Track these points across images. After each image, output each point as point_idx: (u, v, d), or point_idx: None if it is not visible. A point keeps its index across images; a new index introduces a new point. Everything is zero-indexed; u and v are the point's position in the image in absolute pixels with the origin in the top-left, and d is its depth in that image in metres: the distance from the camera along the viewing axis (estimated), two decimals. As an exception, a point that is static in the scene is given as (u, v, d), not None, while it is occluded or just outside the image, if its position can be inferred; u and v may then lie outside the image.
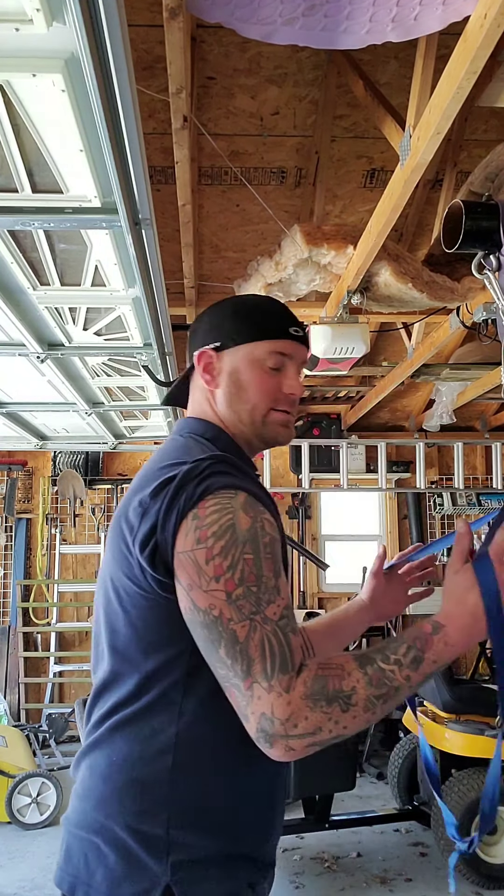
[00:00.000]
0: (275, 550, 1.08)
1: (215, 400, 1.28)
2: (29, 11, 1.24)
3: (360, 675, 1.03)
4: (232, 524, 1.06)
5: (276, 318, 1.28)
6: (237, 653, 1.01)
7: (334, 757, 3.51)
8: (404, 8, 1.86)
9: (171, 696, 1.11)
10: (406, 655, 1.05)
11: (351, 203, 3.59)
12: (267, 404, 1.25)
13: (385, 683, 1.03)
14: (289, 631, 1.04)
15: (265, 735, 0.99)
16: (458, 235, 2.14)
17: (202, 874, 1.10)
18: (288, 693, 0.99)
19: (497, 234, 2.10)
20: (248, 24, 1.94)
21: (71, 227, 1.92)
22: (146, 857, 1.08)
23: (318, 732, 1.00)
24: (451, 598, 1.13)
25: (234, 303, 1.32)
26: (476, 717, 3.81)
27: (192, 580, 1.05)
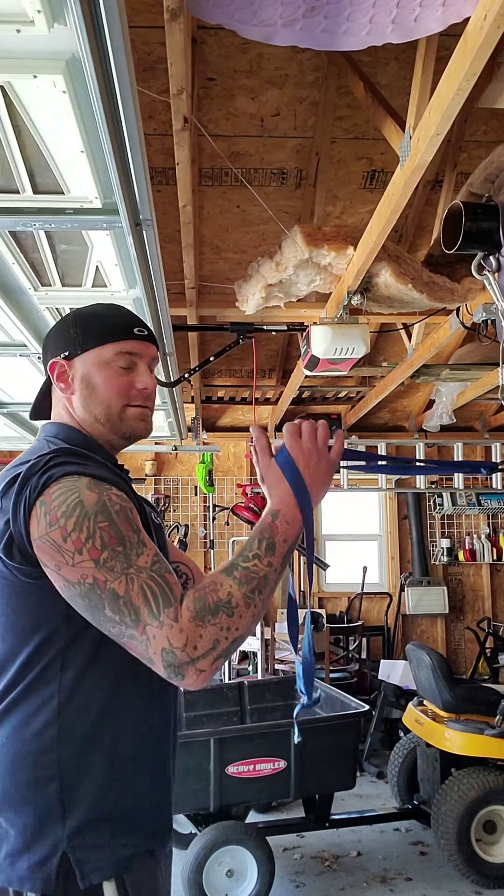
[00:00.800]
0: (129, 515, 1.15)
1: (72, 405, 1.35)
2: (30, 13, 1.25)
3: (230, 581, 1.13)
4: (79, 501, 1.12)
5: (118, 320, 1.37)
6: (121, 606, 1.08)
7: (334, 756, 3.52)
8: (404, 9, 1.87)
9: (50, 672, 1.17)
10: (260, 547, 1.17)
11: (351, 204, 3.59)
12: (121, 401, 1.33)
13: (253, 577, 1.14)
14: (164, 572, 1.12)
15: (173, 668, 1.06)
16: (457, 236, 2.15)
17: (96, 841, 1.15)
18: (177, 622, 1.07)
19: (497, 234, 2.11)
20: (249, 25, 1.94)
21: (72, 227, 1.92)
22: (43, 828, 1.13)
23: (217, 645, 1.08)
24: (273, 487, 1.25)
25: (77, 313, 1.40)
26: (476, 717, 3.81)
27: (57, 560, 1.11)
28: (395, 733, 5.40)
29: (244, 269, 3.46)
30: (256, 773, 3.33)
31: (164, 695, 1.28)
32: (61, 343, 1.36)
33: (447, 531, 6.90)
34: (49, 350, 1.38)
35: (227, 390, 5.90)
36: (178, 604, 1.09)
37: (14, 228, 1.93)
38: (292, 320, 3.93)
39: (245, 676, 5.53)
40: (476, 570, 6.88)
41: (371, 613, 6.60)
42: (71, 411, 1.35)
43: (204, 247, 3.83)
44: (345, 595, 6.62)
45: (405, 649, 4.41)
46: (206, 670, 1.08)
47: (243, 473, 6.77)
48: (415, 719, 4.05)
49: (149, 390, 1.35)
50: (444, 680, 3.89)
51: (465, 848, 3.54)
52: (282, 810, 4.48)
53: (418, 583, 6.57)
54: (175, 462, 6.77)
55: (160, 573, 1.11)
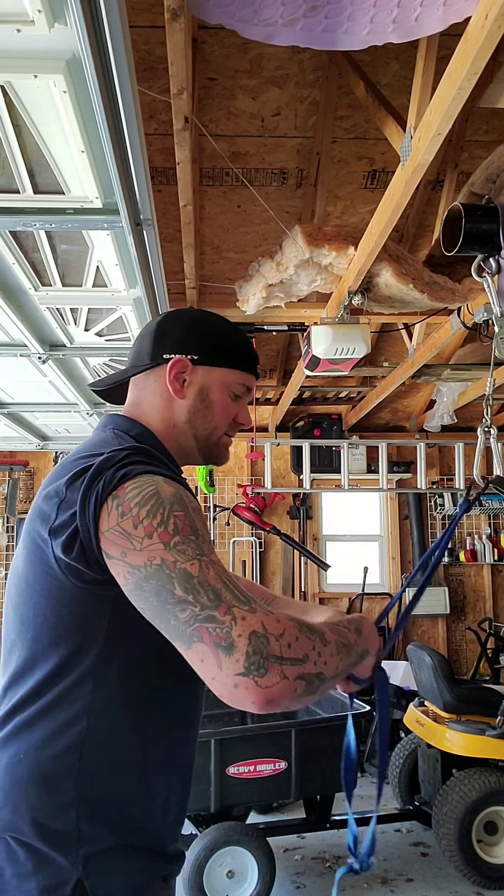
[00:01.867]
0: (201, 514, 1.09)
1: (174, 408, 1.28)
2: (30, 12, 1.25)
3: (321, 624, 1.08)
4: (155, 491, 1.05)
5: (251, 352, 1.36)
6: (197, 585, 0.97)
7: (335, 757, 3.51)
8: (405, 9, 1.86)
9: (79, 691, 1.09)
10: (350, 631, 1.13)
11: (352, 204, 3.59)
12: (224, 429, 1.32)
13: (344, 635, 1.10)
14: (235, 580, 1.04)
15: (259, 658, 0.93)
16: (457, 238, 2.14)
17: (113, 867, 1.10)
18: (273, 613, 0.98)
19: (497, 236, 2.10)
20: (249, 25, 1.94)
21: (72, 227, 1.92)
22: (55, 853, 1.07)
23: (305, 660, 0.97)
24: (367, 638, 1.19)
25: (219, 324, 1.35)
26: (477, 718, 3.81)
27: (123, 548, 1.02)
28: (396, 734, 5.40)
29: (245, 268, 3.46)
30: (257, 773, 3.32)
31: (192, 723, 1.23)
32: (192, 343, 1.29)
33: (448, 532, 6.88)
34: (170, 342, 1.29)
35: (227, 390, 5.89)
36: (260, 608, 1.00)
37: (14, 228, 1.93)
38: (293, 320, 3.93)
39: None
40: (477, 571, 6.88)
41: (372, 614, 6.59)
42: (169, 413, 1.28)
43: (204, 246, 3.83)
44: (346, 595, 6.61)
45: (406, 650, 4.40)
46: (290, 680, 0.94)
47: (244, 474, 6.77)
48: (416, 720, 4.04)
49: (246, 426, 1.37)
50: (445, 680, 3.88)
51: (466, 849, 3.54)
52: (282, 811, 4.48)
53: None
54: (176, 462, 6.76)
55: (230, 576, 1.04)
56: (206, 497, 6.64)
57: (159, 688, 1.11)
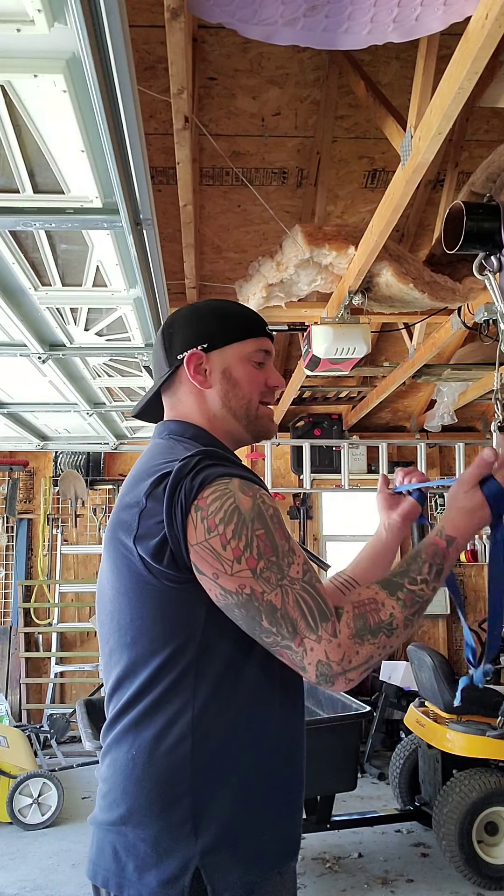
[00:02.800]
0: (280, 519, 1.14)
1: (207, 399, 1.31)
2: (30, 12, 1.24)
3: (393, 603, 1.13)
4: (235, 507, 1.11)
5: (256, 317, 1.37)
6: (279, 619, 1.07)
7: (335, 757, 3.51)
8: (405, 8, 1.86)
9: (183, 684, 1.13)
10: (430, 573, 1.18)
11: (352, 203, 3.59)
12: (258, 398, 1.32)
13: (418, 601, 1.15)
14: (315, 582, 1.11)
15: (325, 677, 1.07)
16: (459, 236, 2.14)
17: (230, 859, 1.11)
18: (336, 637, 1.08)
19: (498, 234, 2.10)
20: (250, 24, 1.94)
21: (72, 227, 1.92)
22: (175, 844, 1.10)
23: (370, 660, 1.10)
24: (461, 512, 1.25)
25: (213, 306, 1.38)
26: (478, 718, 3.80)
27: (215, 569, 1.09)
28: (396, 734, 5.40)
29: (245, 268, 3.46)
30: (257, 774, 3.32)
31: (297, 703, 1.25)
32: (198, 334, 1.31)
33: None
34: (179, 341, 1.32)
35: (227, 390, 5.89)
36: (335, 619, 1.09)
37: (14, 228, 1.92)
38: (293, 320, 3.92)
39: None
40: (477, 571, 6.87)
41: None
42: (205, 406, 1.31)
43: (204, 246, 3.83)
44: (346, 595, 6.61)
45: (406, 650, 4.40)
46: (355, 679, 1.09)
47: (244, 474, 6.76)
48: (416, 720, 4.04)
49: (280, 386, 1.36)
50: (446, 681, 3.88)
51: (467, 849, 3.53)
52: (283, 811, 4.47)
53: (419, 583, 6.55)
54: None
55: (311, 584, 1.11)
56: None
57: (260, 671, 1.15)
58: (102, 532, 6.46)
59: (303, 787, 1.26)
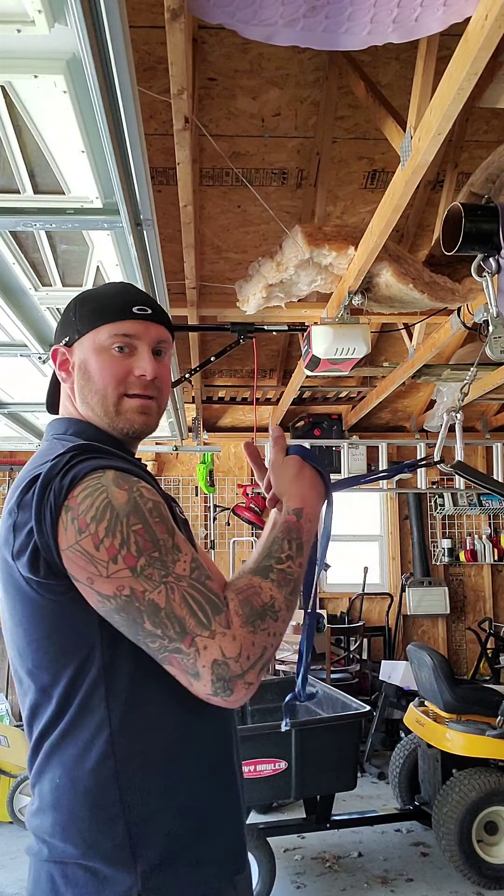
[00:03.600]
0: (161, 512, 1.06)
1: (74, 396, 1.24)
2: (31, 13, 1.25)
3: (269, 585, 1.07)
4: (108, 502, 1.02)
5: (116, 299, 1.23)
6: (164, 619, 0.99)
7: (335, 757, 3.52)
8: (405, 9, 1.86)
9: (94, 702, 1.06)
10: (291, 548, 1.13)
11: (352, 204, 3.59)
12: (116, 390, 1.20)
13: (290, 580, 1.10)
14: (204, 578, 1.03)
15: (223, 683, 0.98)
16: (457, 238, 2.14)
17: (175, 879, 1.05)
18: (230, 628, 1.00)
19: (497, 236, 2.10)
20: (250, 25, 1.94)
21: (72, 227, 1.92)
22: (113, 872, 1.03)
23: (264, 653, 1.02)
24: (293, 482, 1.22)
25: (80, 295, 1.28)
26: (477, 718, 3.81)
27: (89, 573, 1.01)
28: (396, 734, 5.40)
29: (245, 268, 3.46)
30: (257, 773, 3.32)
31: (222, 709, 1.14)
32: (63, 329, 1.26)
33: (448, 532, 6.89)
34: (55, 338, 1.28)
35: (227, 390, 5.90)
36: (227, 609, 1.01)
37: (15, 228, 1.93)
38: (293, 320, 3.93)
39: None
40: (477, 571, 6.88)
41: (372, 614, 6.59)
42: (73, 403, 1.24)
43: (205, 247, 3.83)
44: (346, 595, 6.61)
45: (406, 650, 4.40)
46: (254, 683, 1.01)
47: (244, 474, 6.77)
48: (416, 720, 4.04)
49: (147, 377, 1.20)
50: (446, 680, 3.88)
51: (467, 849, 3.54)
52: (282, 811, 4.48)
53: (419, 583, 6.56)
54: (176, 462, 6.77)
55: (200, 580, 1.02)
56: (207, 497, 6.65)
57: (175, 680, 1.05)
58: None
59: (240, 795, 1.19)
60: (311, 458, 1.26)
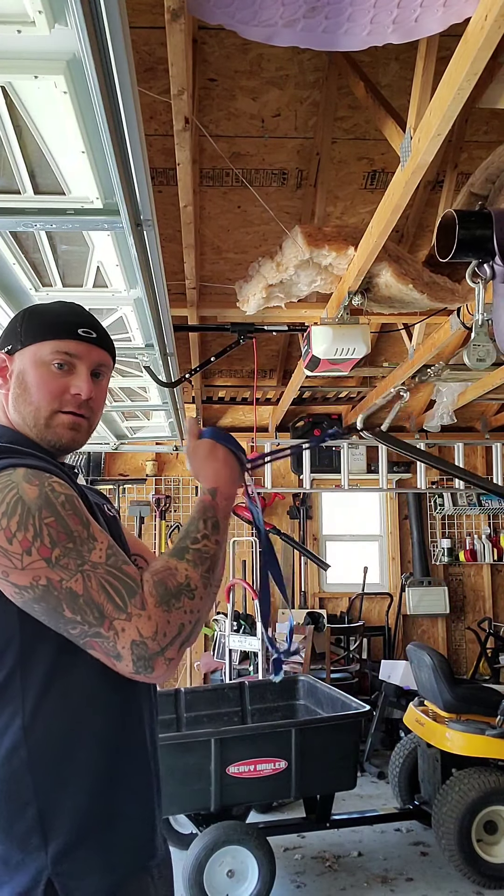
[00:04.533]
0: (74, 504, 1.10)
1: (8, 403, 1.27)
2: (31, 13, 1.25)
3: (184, 565, 1.13)
4: (18, 497, 1.06)
5: (65, 318, 1.27)
6: (82, 606, 1.04)
7: (335, 756, 3.52)
8: (405, 10, 1.87)
9: (9, 692, 1.09)
10: (206, 526, 1.19)
11: (352, 204, 3.59)
12: (50, 405, 1.23)
13: (206, 558, 1.15)
14: (122, 565, 1.09)
15: (143, 661, 1.04)
16: (451, 245, 2.14)
17: (85, 865, 1.09)
18: (144, 610, 1.05)
19: (490, 242, 2.10)
20: (250, 26, 1.94)
21: (73, 228, 1.92)
22: (25, 857, 1.07)
23: (182, 630, 1.08)
24: (206, 463, 1.28)
25: (30, 308, 1.33)
26: (477, 717, 3.81)
27: (4, 566, 1.04)
28: (395, 733, 5.40)
29: (245, 269, 3.46)
30: (257, 773, 3.33)
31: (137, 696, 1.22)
32: (7, 337, 1.29)
33: (448, 531, 6.90)
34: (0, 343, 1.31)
35: (227, 390, 5.91)
36: (142, 591, 1.06)
37: (15, 229, 1.93)
38: (293, 321, 3.93)
39: (246, 677, 5.53)
40: (477, 571, 6.88)
41: (372, 614, 6.60)
42: (6, 410, 1.27)
43: (205, 247, 3.83)
44: (345, 595, 6.61)
45: (406, 649, 4.41)
46: (175, 658, 1.07)
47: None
48: (416, 719, 4.05)
49: (82, 396, 1.24)
50: (445, 680, 3.89)
51: (466, 848, 3.54)
52: (282, 810, 4.48)
53: (419, 583, 6.57)
54: (176, 462, 6.77)
55: (117, 566, 1.07)
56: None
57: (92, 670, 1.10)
58: (102, 532, 6.46)
59: (154, 785, 1.23)
60: (223, 438, 1.31)
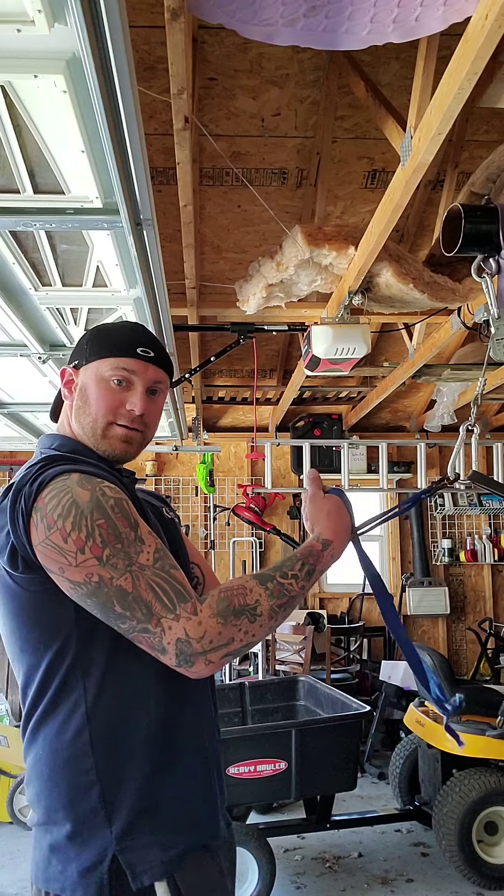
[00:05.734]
0: (123, 508, 1.17)
1: (71, 413, 1.37)
2: (31, 12, 1.25)
3: (261, 590, 1.17)
4: (72, 500, 1.14)
5: (125, 337, 1.36)
6: (132, 602, 1.10)
7: (335, 757, 3.51)
8: (405, 9, 1.86)
9: (72, 680, 1.18)
10: (301, 570, 1.22)
11: (352, 204, 3.59)
12: (106, 417, 1.32)
13: (285, 594, 1.19)
14: (169, 568, 1.15)
15: (184, 656, 1.10)
16: (457, 239, 2.14)
17: (147, 841, 1.16)
18: (197, 615, 1.11)
19: (496, 237, 2.10)
20: (250, 25, 1.94)
21: (72, 227, 1.92)
22: (91, 834, 1.15)
23: (230, 643, 1.12)
24: (331, 518, 1.35)
25: (97, 327, 1.42)
26: (477, 718, 3.81)
27: (60, 563, 1.12)
28: (396, 734, 5.40)
29: (245, 268, 3.46)
30: (257, 774, 3.32)
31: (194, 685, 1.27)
32: (75, 352, 1.39)
33: (448, 532, 6.89)
34: (69, 359, 1.41)
35: (227, 390, 5.90)
36: (196, 601, 1.12)
37: (15, 228, 1.93)
38: (293, 320, 3.93)
39: (246, 677, 5.53)
40: (477, 571, 6.88)
41: (372, 614, 6.59)
42: (69, 418, 1.37)
43: (205, 246, 3.83)
44: (346, 595, 6.61)
45: (406, 650, 4.40)
46: (215, 662, 1.11)
47: (244, 474, 6.77)
48: (416, 720, 4.04)
49: (136, 412, 1.32)
50: (446, 681, 3.88)
51: (467, 849, 3.54)
52: (283, 811, 4.48)
53: (419, 583, 6.56)
54: (176, 462, 6.77)
55: (164, 569, 1.13)
56: (207, 497, 6.65)
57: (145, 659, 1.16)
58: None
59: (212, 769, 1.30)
60: (348, 503, 1.40)
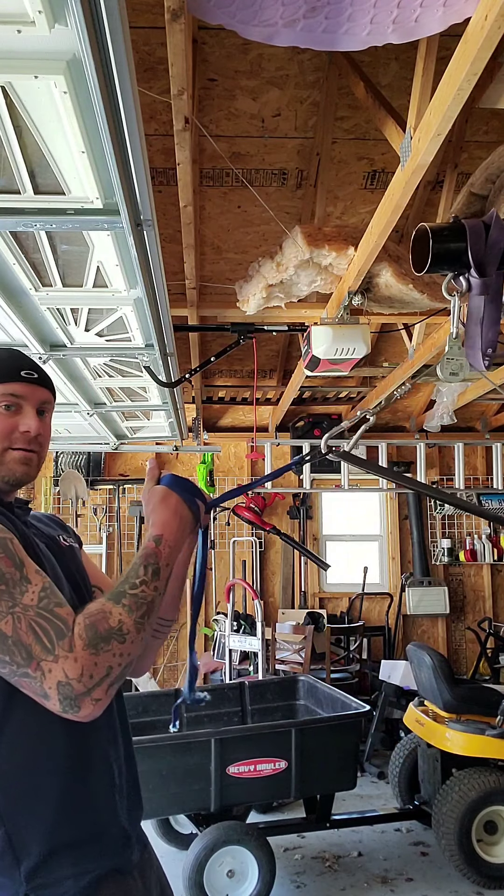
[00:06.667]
0: (7, 547, 1.15)
1: None
2: (31, 13, 1.25)
3: (119, 610, 1.14)
4: None
5: (7, 363, 1.34)
6: (11, 646, 1.08)
7: (335, 756, 3.52)
8: (405, 10, 1.86)
9: None
10: (147, 573, 1.19)
11: (352, 204, 3.59)
12: (2, 444, 1.30)
13: (142, 604, 1.16)
14: (53, 606, 1.12)
15: (69, 701, 1.06)
16: (425, 258, 2.14)
17: (58, 875, 1.16)
18: (72, 652, 1.08)
19: (465, 255, 2.09)
20: (250, 25, 1.94)
21: (73, 228, 1.92)
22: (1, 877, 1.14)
23: (110, 672, 1.09)
24: (156, 510, 1.28)
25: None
26: (477, 717, 3.81)
27: None
28: (395, 734, 5.40)
29: (245, 269, 3.46)
30: (257, 773, 3.33)
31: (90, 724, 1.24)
32: None
33: (448, 531, 6.90)
34: None
35: (227, 391, 5.91)
36: (71, 634, 1.09)
37: (15, 229, 1.93)
38: (293, 320, 3.93)
39: (246, 677, 5.54)
40: (477, 571, 6.88)
41: (372, 614, 6.60)
42: None
43: (205, 247, 3.83)
44: (345, 595, 6.61)
45: (406, 649, 4.41)
46: (102, 698, 1.09)
47: (244, 474, 6.77)
48: (416, 720, 4.04)
49: (31, 433, 1.31)
50: (445, 680, 3.88)
51: (466, 848, 3.54)
52: (282, 811, 4.48)
53: (419, 583, 6.57)
54: (176, 462, 6.77)
55: (48, 608, 1.11)
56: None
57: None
58: (103, 532, 6.48)
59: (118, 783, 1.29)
60: (179, 486, 1.32)
